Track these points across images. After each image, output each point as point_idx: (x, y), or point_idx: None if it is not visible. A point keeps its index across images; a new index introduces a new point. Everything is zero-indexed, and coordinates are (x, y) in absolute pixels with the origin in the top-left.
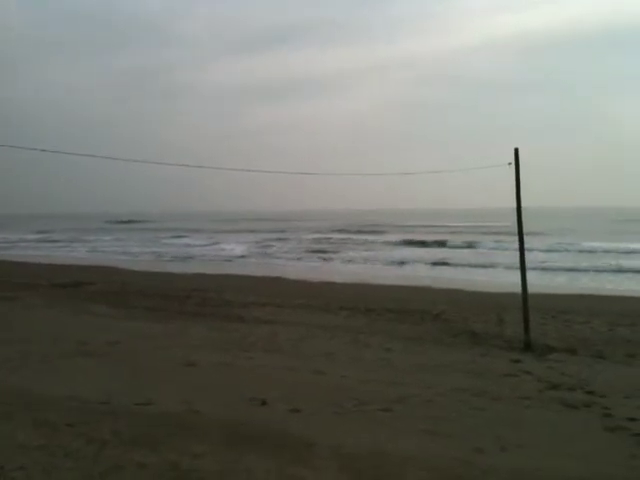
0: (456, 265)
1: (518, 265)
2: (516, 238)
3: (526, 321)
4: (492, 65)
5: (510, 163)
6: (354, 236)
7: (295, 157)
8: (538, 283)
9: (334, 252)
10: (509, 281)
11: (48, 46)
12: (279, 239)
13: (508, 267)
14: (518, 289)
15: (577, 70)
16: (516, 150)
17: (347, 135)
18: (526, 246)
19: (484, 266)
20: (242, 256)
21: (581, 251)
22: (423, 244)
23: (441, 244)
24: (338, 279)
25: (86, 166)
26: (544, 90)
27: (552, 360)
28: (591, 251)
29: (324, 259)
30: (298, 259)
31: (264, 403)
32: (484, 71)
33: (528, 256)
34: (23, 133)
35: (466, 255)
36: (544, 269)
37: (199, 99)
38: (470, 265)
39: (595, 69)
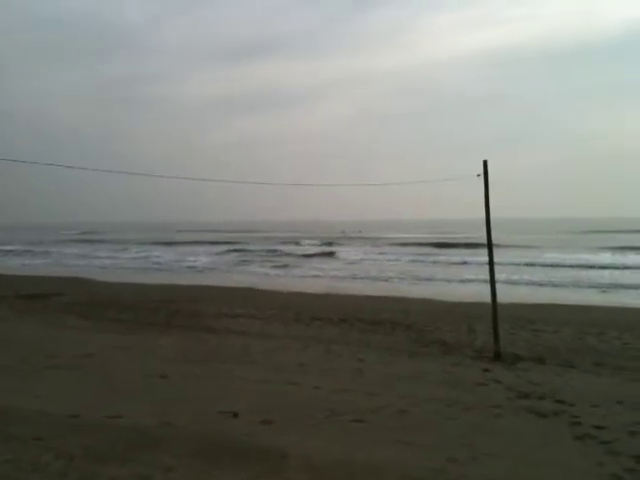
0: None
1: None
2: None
3: (495, 331)
4: (461, 79)
5: (479, 175)
6: (326, 248)
7: (256, 169)
8: (507, 293)
9: (302, 263)
10: (477, 290)
11: (23, 53)
12: (247, 250)
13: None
14: (488, 299)
15: (544, 85)
16: (485, 162)
17: (317, 145)
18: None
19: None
20: (211, 267)
21: (547, 264)
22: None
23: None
24: (309, 289)
25: (52, 177)
26: (512, 104)
27: (521, 369)
28: (556, 264)
29: (294, 270)
30: (269, 270)
31: (236, 415)
32: (453, 85)
33: (497, 267)
34: None
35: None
36: (512, 281)
37: (178, 110)
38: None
39: (562, 84)
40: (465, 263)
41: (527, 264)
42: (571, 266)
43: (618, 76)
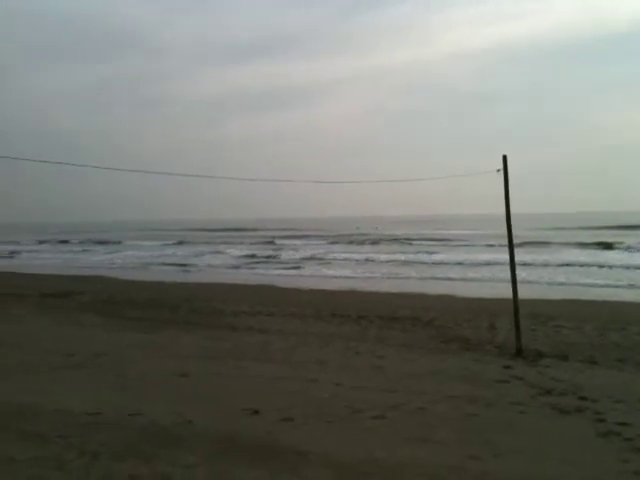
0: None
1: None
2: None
3: (517, 327)
4: (475, 74)
5: (499, 170)
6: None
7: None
8: (528, 289)
9: (323, 261)
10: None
11: (28, 53)
12: (266, 248)
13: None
14: (508, 295)
15: (559, 79)
16: (504, 157)
17: (331, 143)
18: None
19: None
20: (231, 265)
21: (565, 260)
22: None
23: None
24: (329, 287)
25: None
26: (527, 99)
27: (543, 366)
28: (575, 260)
29: (314, 267)
30: (287, 267)
31: (256, 412)
32: (467, 80)
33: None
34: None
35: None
36: (531, 277)
37: (183, 108)
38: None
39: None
40: (484, 264)
41: (545, 260)
42: (587, 264)
43: (635, 69)
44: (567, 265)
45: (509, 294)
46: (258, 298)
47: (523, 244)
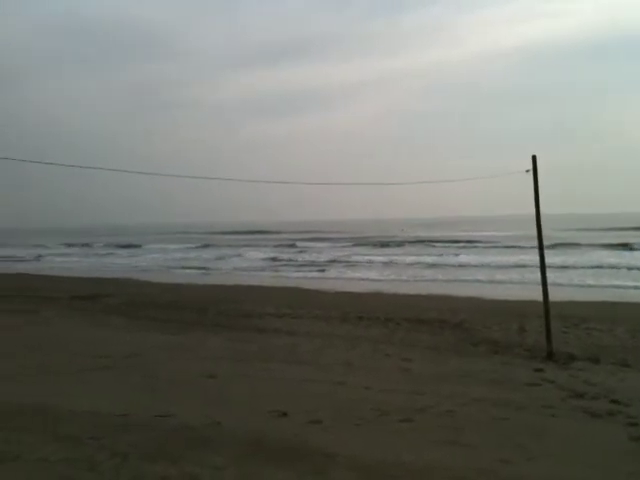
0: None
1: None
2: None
3: (548, 329)
4: (499, 74)
5: (528, 170)
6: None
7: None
8: (558, 291)
9: (348, 263)
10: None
11: (49, 59)
12: (290, 251)
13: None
14: (538, 297)
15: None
16: (534, 157)
17: (352, 146)
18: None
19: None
20: (256, 267)
21: (596, 261)
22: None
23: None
24: (355, 289)
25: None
26: (553, 99)
27: (575, 369)
28: (606, 262)
29: (340, 270)
30: (312, 270)
31: (284, 414)
32: (491, 80)
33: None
34: (22, 146)
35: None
36: (563, 278)
37: (201, 113)
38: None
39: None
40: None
41: (575, 261)
42: (617, 265)
43: None
44: (597, 267)
45: (539, 296)
46: (284, 300)
47: (555, 245)
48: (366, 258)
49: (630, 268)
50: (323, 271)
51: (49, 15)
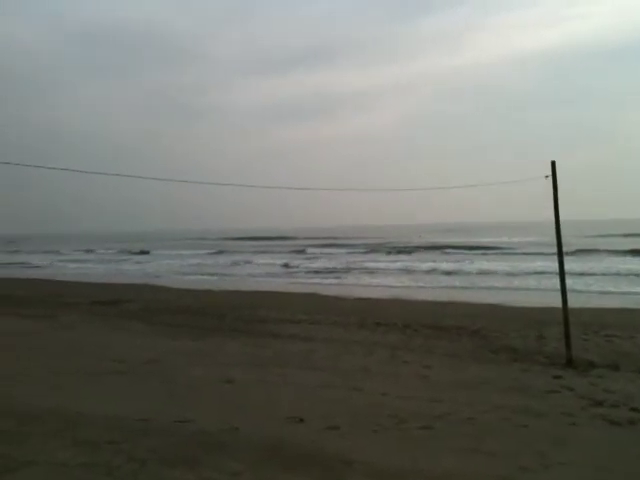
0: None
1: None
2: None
3: (567, 336)
4: (518, 79)
5: (547, 176)
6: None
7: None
8: (578, 298)
9: (366, 269)
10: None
11: (71, 68)
12: (307, 257)
13: None
14: (557, 304)
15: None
16: (553, 163)
17: (371, 151)
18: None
19: None
20: (273, 273)
21: (614, 268)
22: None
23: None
24: (372, 295)
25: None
26: (571, 103)
27: (594, 376)
28: (622, 272)
29: (357, 275)
30: (329, 276)
31: (301, 420)
32: (510, 85)
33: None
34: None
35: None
36: (583, 284)
37: (224, 119)
38: None
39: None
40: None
41: (595, 268)
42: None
43: None
44: (617, 273)
45: (557, 303)
46: (301, 306)
47: (575, 252)
48: (383, 264)
49: None
50: (340, 277)
51: (69, 21)
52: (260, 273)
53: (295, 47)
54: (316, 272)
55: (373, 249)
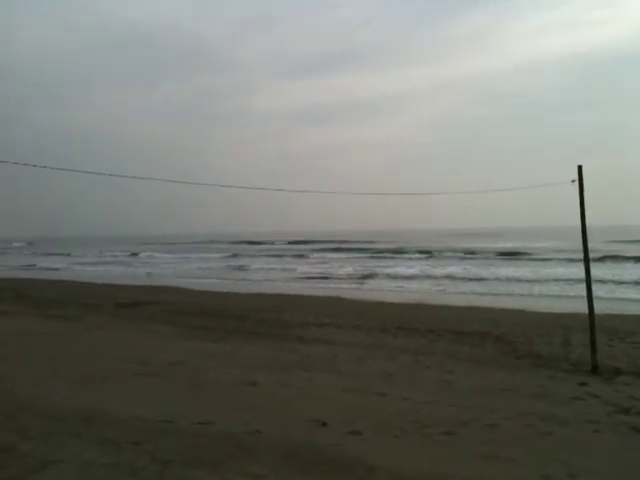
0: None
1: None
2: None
3: (593, 343)
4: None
5: (574, 180)
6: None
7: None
8: (605, 304)
9: (387, 274)
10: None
11: (95, 74)
12: (332, 259)
13: None
14: (582, 310)
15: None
16: (579, 167)
17: (396, 155)
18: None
19: None
20: (296, 277)
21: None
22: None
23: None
24: (395, 299)
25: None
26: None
27: (620, 383)
28: None
29: (379, 280)
30: (351, 280)
31: (324, 424)
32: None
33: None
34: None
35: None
36: (611, 291)
37: (250, 123)
38: None
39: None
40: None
41: (622, 274)
42: None
43: None
44: None
45: (583, 309)
46: (324, 310)
47: (602, 258)
48: (406, 269)
49: None
50: (363, 281)
51: (93, 29)
52: (283, 277)
53: (321, 52)
54: (340, 276)
55: (398, 252)
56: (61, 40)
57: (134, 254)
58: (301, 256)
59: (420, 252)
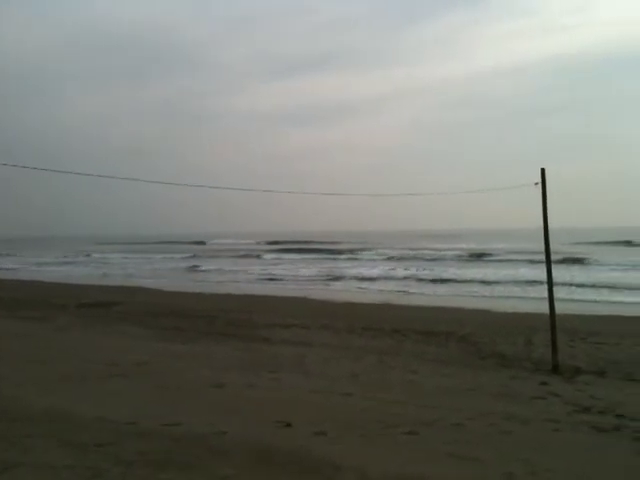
0: None
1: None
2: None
3: (554, 343)
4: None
5: (537, 183)
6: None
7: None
8: (567, 305)
9: (355, 275)
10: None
11: (79, 74)
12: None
13: None
14: (545, 310)
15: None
16: (542, 170)
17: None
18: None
19: None
20: (266, 277)
21: (604, 277)
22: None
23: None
24: (362, 300)
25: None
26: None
27: (581, 382)
28: (612, 280)
29: (346, 281)
30: (321, 280)
31: (289, 425)
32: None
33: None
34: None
35: None
36: (573, 292)
37: (232, 125)
38: None
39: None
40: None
41: (584, 276)
42: (628, 282)
43: None
44: (607, 281)
45: (546, 309)
46: (292, 311)
47: (564, 260)
48: (371, 270)
49: None
50: (330, 282)
51: (80, 30)
52: (250, 278)
53: (299, 55)
54: (309, 277)
55: (363, 252)
56: (43, 39)
57: (87, 255)
58: (259, 257)
59: (387, 253)
